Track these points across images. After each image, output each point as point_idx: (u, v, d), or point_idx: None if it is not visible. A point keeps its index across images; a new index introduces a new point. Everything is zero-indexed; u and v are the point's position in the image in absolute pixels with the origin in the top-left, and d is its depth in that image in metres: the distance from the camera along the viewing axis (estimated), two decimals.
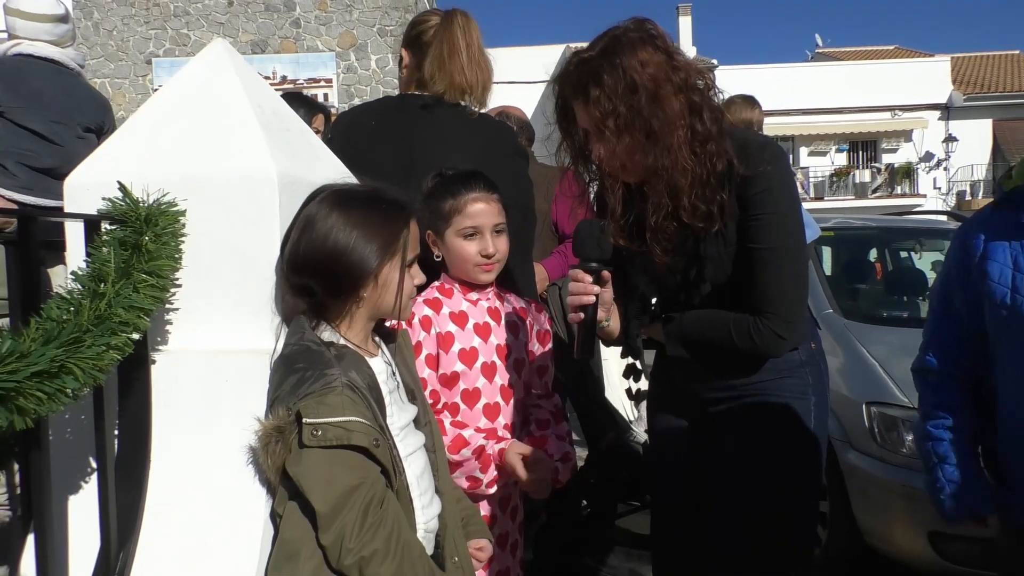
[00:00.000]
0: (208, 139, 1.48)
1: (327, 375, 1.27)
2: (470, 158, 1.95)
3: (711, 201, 1.59)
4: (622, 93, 1.51)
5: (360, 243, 1.34)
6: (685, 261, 1.68)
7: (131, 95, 12.92)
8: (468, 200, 1.76)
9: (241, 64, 1.60)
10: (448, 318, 1.78)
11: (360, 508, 1.24)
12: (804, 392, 1.72)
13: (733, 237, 1.62)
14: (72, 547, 1.34)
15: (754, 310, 1.62)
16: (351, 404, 1.26)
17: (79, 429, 1.39)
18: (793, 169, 24.87)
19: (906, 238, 5.16)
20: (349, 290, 1.37)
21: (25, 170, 2.87)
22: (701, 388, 1.78)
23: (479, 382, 1.78)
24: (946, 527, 3.03)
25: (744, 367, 1.71)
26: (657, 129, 1.53)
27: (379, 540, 1.25)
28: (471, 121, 2.15)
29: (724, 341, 1.66)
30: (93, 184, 1.42)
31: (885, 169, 26.50)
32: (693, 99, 1.56)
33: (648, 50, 1.54)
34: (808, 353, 1.76)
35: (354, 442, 1.24)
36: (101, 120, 3.13)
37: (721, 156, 1.58)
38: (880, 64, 26.52)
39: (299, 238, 1.36)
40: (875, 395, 3.33)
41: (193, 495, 1.39)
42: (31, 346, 0.96)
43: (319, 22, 13.08)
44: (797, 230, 1.65)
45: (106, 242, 1.26)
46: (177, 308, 1.44)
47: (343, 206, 1.36)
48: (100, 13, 12.91)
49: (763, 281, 1.61)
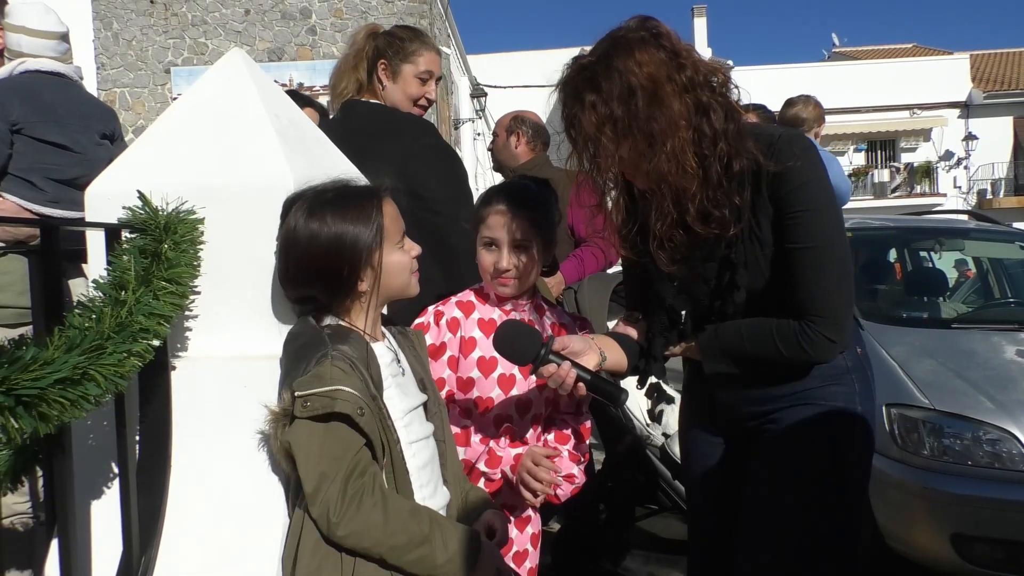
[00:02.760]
0: (226, 148, 1.50)
1: (320, 350, 1.31)
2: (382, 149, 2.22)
3: (724, 205, 1.51)
4: (618, 97, 1.44)
5: (341, 241, 1.37)
6: (717, 267, 1.58)
7: (150, 104, 13.06)
8: (491, 212, 1.77)
9: (258, 73, 1.62)
10: (476, 323, 1.78)
11: (341, 480, 1.27)
12: (852, 399, 1.62)
13: (769, 238, 1.53)
14: (95, 551, 1.36)
15: (799, 313, 1.53)
16: (342, 375, 1.29)
17: (101, 435, 1.41)
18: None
19: (925, 238, 5.11)
20: (347, 287, 1.40)
21: (52, 184, 2.92)
22: (741, 401, 1.68)
23: (494, 392, 1.77)
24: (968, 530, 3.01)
25: (789, 375, 1.61)
26: (658, 133, 1.45)
27: (364, 509, 1.27)
28: (389, 117, 2.44)
29: (770, 352, 1.56)
30: (113, 193, 1.45)
31: (904, 168, 26.27)
32: (700, 98, 1.48)
33: (649, 50, 1.46)
34: (855, 359, 1.66)
35: (337, 409, 1.26)
36: (112, 127, 3.20)
37: (739, 155, 1.50)
38: (898, 63, 26.30)
39: (285, 255, 1.40)
40: (895, 397, 3.30)
41: (213, 499, 1.40)
42: (54, 354, 0.98)
43: (335, 29, 13.15)
44: (837, 225, 1.54)
45: (126, 250, 1.28)
46: (196, 315, 1.46)
47: (315, 212, 1.39)
48: (119, 24, 13.06)
49: (806, 282, 1.52)
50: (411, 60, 2.49)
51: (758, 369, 1.61)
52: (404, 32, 2.55)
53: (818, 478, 1.59)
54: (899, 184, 26.17)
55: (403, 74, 2.49)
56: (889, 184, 26.05)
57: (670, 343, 1.69)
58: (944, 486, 3.05)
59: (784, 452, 1.61)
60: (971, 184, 26.13)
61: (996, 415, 3.06)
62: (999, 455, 3.03)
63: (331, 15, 13.32)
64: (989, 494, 2.98)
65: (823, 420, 1.59)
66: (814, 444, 1.60)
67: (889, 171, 26.30)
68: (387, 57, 2.48)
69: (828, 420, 1.60)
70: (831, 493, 1.59)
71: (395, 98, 2.49)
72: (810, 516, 1.58)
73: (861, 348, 1.71)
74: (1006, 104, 25.44)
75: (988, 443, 3.06)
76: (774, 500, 1.60)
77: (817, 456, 1.59)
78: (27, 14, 3.02)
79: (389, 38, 2.51)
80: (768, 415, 1.64)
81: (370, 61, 2.50)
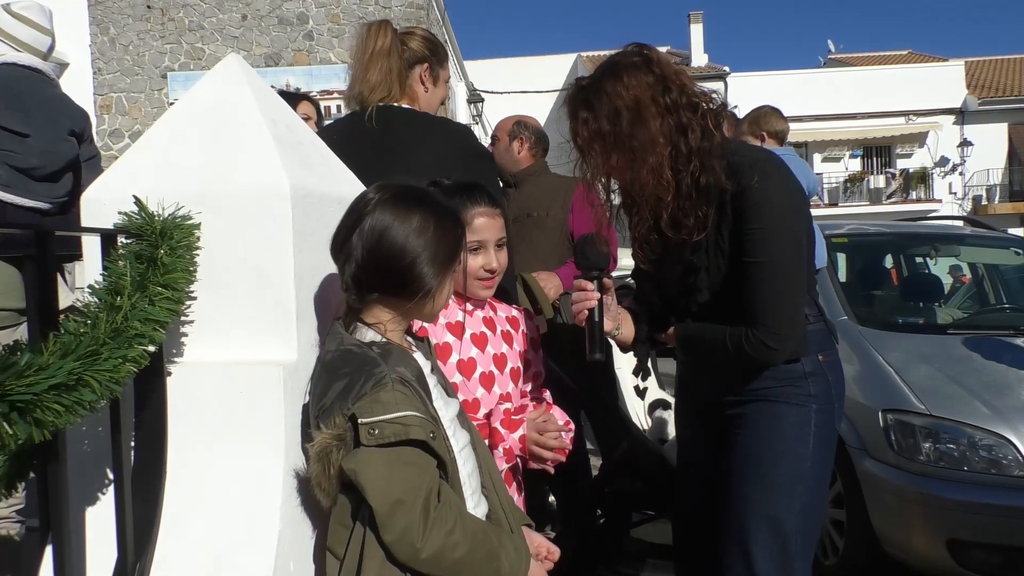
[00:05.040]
0: (222, 153, 1.50)
1: (376, 373, 1.28)
2: (426, 159, 2.11)
3: (691, 214, 1.71)
4: (606, 116, 1.69)
5: (433, 254, 1.35)
6: (682, 270, 1.79)
7: (147, 109, 13.06)
8: (474, 214, 1.76)
9: (254, 78, 1.62)
10: (445, 328, 1.78)
11: (421, 505, 1.25)
12: (804, 401, 1.78)
13: (728, 248, 1.73)
14: (89, 558, 1.35)
15: (746, 321, 1.71)
16: (404, 399, 1.27)
17: (96, 441, 1.41)
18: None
19: (921, 244, 5.13)
20: (412, 296, 1.37)
21: (7, 168, 2.93)
22: (713, 393, 1.88)
23: (478, 392, 1.78)
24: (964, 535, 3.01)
25: (748, 373, 1.80)
26: (639, 148, 1.68)
27: (442, 533, 1.26)
28: (426, 123, 2.32)
29: (720, 347, 1.76)
30: (109, 199, 1.44)
31: (900, 174, 26.35)
32: (681, 119, 1.69)
33: (638, 75, 1.69)
34: (814, 364, 1.81)
35: (412, 436, 1.25)
36: (83, 126, 3.20)
37: (707, 172, 1.69)
38: (894, 69, 26.39)
39: (374, 236, 1.35)
40: (891, 402, 3.31)
41: (209, 506, 1.40)
42: (49, 359, 0.98)
43: (331, 34, 13.17)
44: (789, 245, 1.70)
45: (122, 256, 1.27)
46: (192, 321, 1.45)
47: (415, 210, 1.36)
48: (116, 28, 13.07)
49: (753, 292, 1.70)
50: (444, 66, 2.48)
51: (719, 365, 1.82)
52: (434, 37, 2.51)
53: (773, 467, 1.77)
54: (895, 190, 26.25)
55: (440, 79, 2.46)
56: (885, 190, 26.12)
57: (653, 331, 1.91)
58: (940, 492, 3.05)
59: (745, 446, 1.80)
60: (966, 190, 26.21)
61: (992, 421, 3.07)
62: (995, 461, 3.04)
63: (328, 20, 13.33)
64: (985, 500, 2.99)
65: (777, 414, 1.78)
66: (767, 436, 1.78)
67: (885, 177, 26.37)
68: (430, 62, 2.42)
69: (782, 415, 1.78)
70: (788, 483, 1.76)
71: (433, 102, 2.45)
72: (771, 505, 1.75)
73: (825, 355, 1.86)
74: (1001, 110, 25.54)
75: (984, 449, 3.06)
76: (739, 492, 1.78)
77: (774, 450, 1.77)
78: (28, 6, 3.08)
79: (430, 44, 2.45)
80: (733, 406, 1.83)
81: (406, 63, 2.37)
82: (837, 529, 3.56)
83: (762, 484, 1.76)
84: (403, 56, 2.34)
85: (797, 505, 1.75)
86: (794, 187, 1.74)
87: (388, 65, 2.29)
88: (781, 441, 1.77)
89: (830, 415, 1.82)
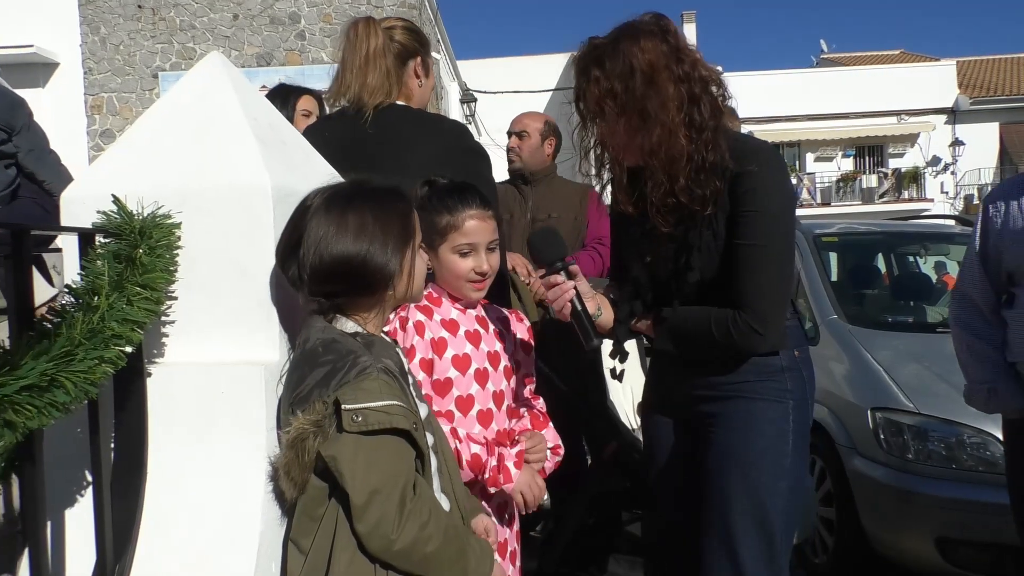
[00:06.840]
0: (203, 151, 1.49)
1: (360, 362, 1.27)
2: (423, 157, 2.07)
3: (705, 186, 1.68)
4: (619, 75, 1.65)
5: (382, 244, 1.34)
6: (675, 249, 1.76)
7: (138, 109, 12.98)
8: (465, 217, 1.75)
9: (237, 77, 1.61)
10: (440, 324, 1.78)
11: (398, 496, 1.25)
12: (782, 396, 1.78)
13: (722, 231, 1.71)
14: (68, 559, 1.35)
15: (734, 304, 1.70)
16: (388, 388, 1.27)
17: (75, 442, 1.40)
18: (799, 175, 24.88)
19: (911, 243, 5.14)
20: (380, 288, 1.37)
21: None
22: (689, 387, 1.85)
23: (472, 388, 1.78)
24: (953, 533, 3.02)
25: (726, 366, 1.78)
26: (651, 111, 1.64)
27: (416, 526, 1.26)
28: (422, 121, 2.28)
29: (705, 333, 1.73)
30: (88, 197, 1.43)
31: (892, 174, 26.40)
32: (693, 90, 1.67)
33: (654, 40, 1.66)
34: (790, 360, 1.81)
35: (396, 425, 1.25)
36: (6, 119, 3.02)
37: (715, 149, 1.67)
38: (886, 69, 26.43)
39: (317, 251, 1.33)
40: (881, 401, 3.31)
41: (189, 506, 1.39)
42: (21, 360, 0.97)
43: (324, 34, 13.13)
44: (782, 233, 1.71)
45: (100, 255, 1.26)
46: (173, 320, 1.44)
47: (348, 211, 1.34)
48: (107, 28, 13.00)
49: (743, 276, 1.69)
50: (430, 53, 2.44)
51: (699, 354, 1.79)
52: (415, 25, 2.45)
53: (756, 464, 1.75)
54: (887, 189, 26.29)
55: (431, 68, 2.41)
56: (877, 189, 26.16)
57: (634, 312, 1.87)
58: (929, 489, 3.06)
59: (726, 444, 1.78)
60: (958, 189, 26.26)
61: (980, 419, 3.07)
62: (983, 458, 3.05)
63: (320, 20, 13.30)
64: (974, 497, 3.00)
65: (758, 412, 1.77)
66: (750, 434, 1.76)
67: (877, 176, 26.41)
68: (421, 53, 2.37)
69: (763, 412, 1.77)
70: (771, 482, 1.75)
71: (426, 94, 2.41)
72: (756, 504, 1.74)
73: (800, 351, 1.86)
74: (992, 110, 25.59)
75: (972, 447, 3.07)
76: (722, 492, 1.77)
77: (757, 448, 1.75)
78: None
79: (415, 35, 2.39)
80: (708, 400, 1.81)
81: (399, 59, 2.30)
82: (827, 528, 3.57)
83: (746, 483, 1.74)
84: (395, 53, 2.29)
85: (780, 503, 1.75)
86: (788, 180, 1.75)
87: (385, 66, 2.24)
88: (763, 439, 1.75)
89: (806, 412, 1.82)
